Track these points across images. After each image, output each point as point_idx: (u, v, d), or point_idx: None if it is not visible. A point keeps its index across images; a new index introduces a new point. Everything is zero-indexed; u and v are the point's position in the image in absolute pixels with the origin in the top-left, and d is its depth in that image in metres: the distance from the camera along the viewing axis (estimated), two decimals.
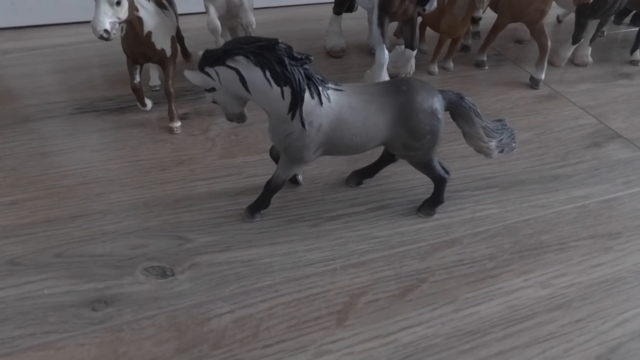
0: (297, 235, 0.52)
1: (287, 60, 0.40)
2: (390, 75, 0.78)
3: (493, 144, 0.50)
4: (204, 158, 0.63)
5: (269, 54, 0.40)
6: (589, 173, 0.64)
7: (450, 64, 0.86)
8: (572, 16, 0.89)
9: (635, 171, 0.64)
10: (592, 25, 0.85)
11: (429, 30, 0.90)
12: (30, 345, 0.41)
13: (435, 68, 0.84)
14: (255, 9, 0.76)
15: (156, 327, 0.43)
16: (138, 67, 0.65)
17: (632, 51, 0.91)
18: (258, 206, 0.53)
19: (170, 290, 0.46)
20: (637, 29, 0.91)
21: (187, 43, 0.83)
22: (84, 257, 0.49)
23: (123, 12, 0.54)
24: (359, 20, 0.97)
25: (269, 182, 0.51)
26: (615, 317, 0.45)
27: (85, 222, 0.53)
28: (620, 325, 0.45)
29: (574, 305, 0.46)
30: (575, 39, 0.85)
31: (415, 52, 0.76)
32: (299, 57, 0.41)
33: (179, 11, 0.75)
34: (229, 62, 0.41)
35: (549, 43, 0.79)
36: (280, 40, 0.40)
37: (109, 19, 0.52)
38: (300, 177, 0.59)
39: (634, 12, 1.05)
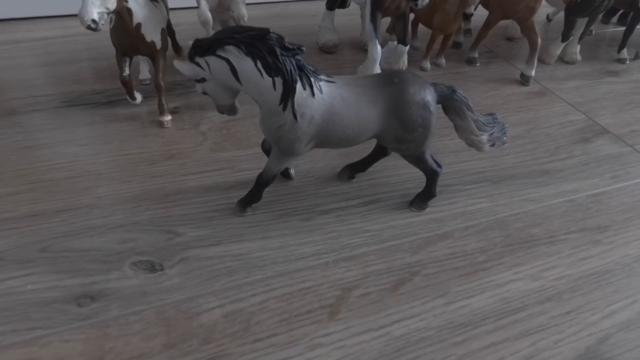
0: (289, 229, 0.52)
1: (278, 51, 0.40)
2: (383, 71, 0.78)
3: (484, 137, 0.50)
4: (195, 152, 0.62)
5: (260, 43, 0.40)
6: (578, 168, 0.64)
7: (443, 61, 0.86)
8: (561, 15, 0.90)
9: (623, 166, 0.65)
10: (581, 23, 0.86)
11: (421, 27, 0.90)
12: (12, 342, 0.40)
13: (427, 64, 0.85)
14: (247, 4, 0.75)
15: (144, 322, 0.42)
16: (127, 59, 0.64)
17: (619, 49, 0.93)
18: (249, 200, 0.52)
19: (159, 285, 0.45)
20: (623, 28, 0.93)
21: (178, 38, 0.82)
22: (70, 252, 0.48)
23: (111, 3, 0.53)
24: (351, 16, 0.96)
25: (260, 175, 0.50)
26: (603, 308, 0.46)
27: (71, 216, 0.52)
28: (609, 317, 0.45)
29: (564, 298, 0.47)
30: (565, 37, 0.86)
31: (407, 47, 0.76)
32: (290, 47, 0.41)
33: (171, 6, 0.74)
34: (219, 52, 0.40)
35: (539, 40, 0.80)
36: (271, 30, 0.40)
37: (96, 9, 0.51)
38: (292, 171, 0.58)
39: (621, 11, 1.07)
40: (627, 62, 0.93)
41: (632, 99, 0.82)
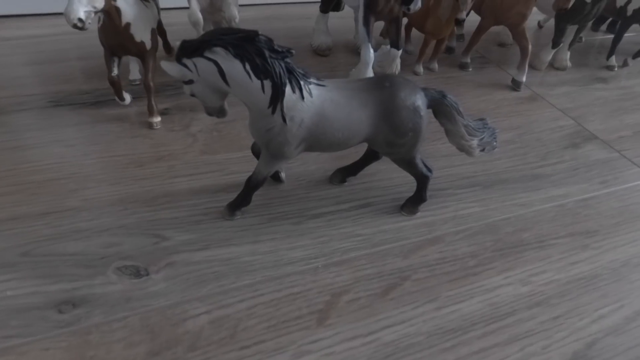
0: (279, 234, 0.51)
1: (267, 53, 0.39)
2: (375, 75, 0.78)
3: (475, 142, 0.50)
4: (185, 154, 0.62)
5: (248, 46, 0.39)
6: (567, 173, 0.65)
7: (435, 65, 0.87)
8: (552, 22, 0.91)
9: (611, 171, 0.66)
10: (571, 30, 0.88)
11: (414, 31, 0.91)
12: None
13: (420, 68, 0.85)
14: (241, 5, 0.75)
15: (128, 329, 0.41)
16: (116, 59, 0.63)
17: (608, 57, 0.95)
18: (239, 203, 0.51)
19: (144, 291, 0.44)
20: (612, 35, 0.94)
21: (169, 38, 0.81)
22: (53, 256, 0.47)
23: (99, 1, 0.52)
24: (345, 19, 0.97)
25: (249, 179, 0.49)
26: (591, 313, 0.46)
27: (56, 219, 0.50)
28: (597, 322, 0.45)
29: (553, 302, 0.47)
30: (555, 43, 0.87)
31: (400, 51, 0.77)
32: (279, 50, 0.40)
33: (162, 5, 0.73)
34: (207, 54, 0.40)
35: (530, 46, 0.81)
36: (260, 32, 0.39)
37: (83, 8, 0.50)
38: (283, 175, 0.58)
39: (610, 19, 1.09)
40: (616, 69, 0.94)
41: (620, 106, 0.83)
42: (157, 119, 0.66)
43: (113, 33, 0.58)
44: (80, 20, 0.50)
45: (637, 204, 0.60)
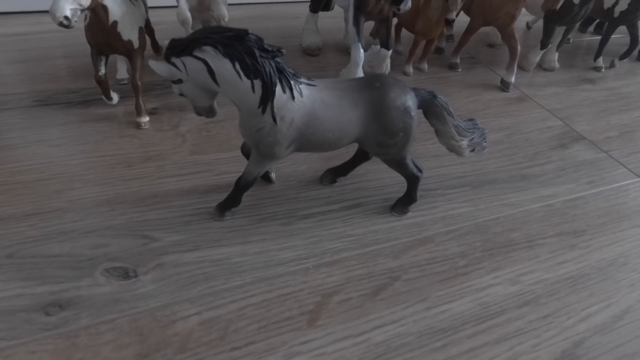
0: (270, 234, 0.51)
1: (257, 52, 0.39)
2: (365, 75, 0.78)
3: (465, 142, 0.51)
4: (174, 154, 0.61)
5: (238, 44, 0.39)
6: (555, 173, 0.66)
7: (425, 65, 0.87)
8: (540, 23, 0.93)
9: (599, 172, 0.67)
10: (559, 32, 0.89)
11: (404, 32, 0.91)
12: None
13: (410, 69, 0.85)
14: (230, 4, 0.74)
15: (116, 331, 0.40)
16: (103, 58, 0.62)
17: (595, 58, 0.96)
18: (228, 204, 0.51)
19: (133, 292, 0.43)
20: (599, 37, 0.96)
21: (158, 37, 0.80)
22: (39, 257, 0.46)
23: None
24: (335, 19, 0.97)
25: (239, 179, 0.49)
26: (579, 312, 0.47)
27: (41, 220, 0.49)
28: (584, 320, 0.46)
29: (541, 302, 0.47)
30: (544, 44, 0.88)
31: (390, 51, 0.77)
32: (270, 49, 0.40)
33: (150, 4, 0.72)
34: (196, 53, 0.39)
35: (519, 47, 0.82)
36: (250, 31, 0.39)
37: (69, 5, 0.49)
38: (273, 175, 0.57)
39: (597, 21, 1.11)
40: (603, 70, 0.96)
41: (607, 106, 0.84)
42: (145, 119, 0.65)
43: (100, 31, 0.57)
44: (66, 18, 0.49)
45: (623, 204, 0.61)
